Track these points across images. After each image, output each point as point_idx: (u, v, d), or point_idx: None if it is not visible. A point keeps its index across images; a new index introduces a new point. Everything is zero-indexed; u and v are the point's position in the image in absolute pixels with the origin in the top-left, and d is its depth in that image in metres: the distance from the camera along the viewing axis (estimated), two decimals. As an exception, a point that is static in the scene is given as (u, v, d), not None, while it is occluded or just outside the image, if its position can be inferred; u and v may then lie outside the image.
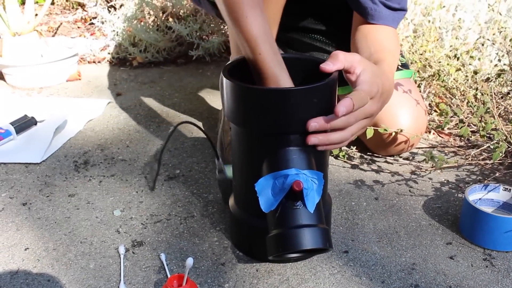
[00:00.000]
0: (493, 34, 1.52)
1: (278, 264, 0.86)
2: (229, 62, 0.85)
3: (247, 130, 0.79)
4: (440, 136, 1.33)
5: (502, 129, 1.11)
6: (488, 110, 1.15)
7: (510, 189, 0.97)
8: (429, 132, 1.34)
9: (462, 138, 1.30)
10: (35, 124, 1.42)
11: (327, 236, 0.73)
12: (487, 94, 1.20)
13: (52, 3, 2.86)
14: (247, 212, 0.86)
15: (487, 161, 1.16)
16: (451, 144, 1.29)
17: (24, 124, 1.38)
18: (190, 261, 0.75)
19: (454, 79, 1.37)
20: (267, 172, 0.76)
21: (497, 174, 1.13)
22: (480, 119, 1.19)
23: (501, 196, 0.98)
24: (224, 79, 0.78)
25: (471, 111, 1.29)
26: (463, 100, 1.33)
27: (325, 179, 0.80)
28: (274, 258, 0.75)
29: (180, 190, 1.10)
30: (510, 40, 1.40)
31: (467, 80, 1.37)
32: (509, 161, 1.16)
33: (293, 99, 0.73)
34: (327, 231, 0.74)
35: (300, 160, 0.77)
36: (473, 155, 1.19)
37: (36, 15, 1.91)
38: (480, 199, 0.99)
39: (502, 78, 1.38)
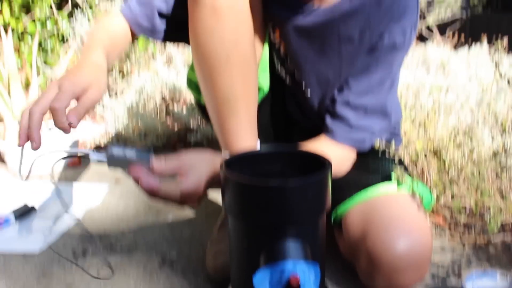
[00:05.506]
0: (484, 117, 1.57)
1: None
2: (229, 156, 0.88)
3: (244, 223, 0.81)
4: (433, 220, 1.34)
5: (493, 195, 1.10)
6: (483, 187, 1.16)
7: (507, 275, 0.97)
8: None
9: (457, 223, 1.31)
10: (35, 212, 1.43)
11: (325, 331, 0.73)
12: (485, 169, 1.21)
13: (55, 89, 2.94)
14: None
15: (482, 239, 1.17)
16: (445, 226, 1.30)
17: (24, 213, 1.39)
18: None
19: (451, 158, 1.39)
20: (264, 264, 0.77)
21: (491, 251, 1.14)
22: (476, 190, 1.18)
23: (499, 283, 0.98)
24: (220, 171, 0.80)
25: (467, 187, 1.30)
26: (459, 175, 1.34)
27: (322, 269, 0.81)
28: None
29: (177, 280, 1.10)
30: (501, 124, 1.44)
31: (464, 157, 1.39)
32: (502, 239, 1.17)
33: (288, 193, 0.75)
34: (325, 325, 0.74)
35: (296, 251, 0.78)
36: (467, 234, 1.20)
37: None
38: (478, 287, 0.99)
39: (497, 158, 1.40)
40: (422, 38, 3.63)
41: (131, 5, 1.12)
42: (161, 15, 1.10)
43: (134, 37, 1.15)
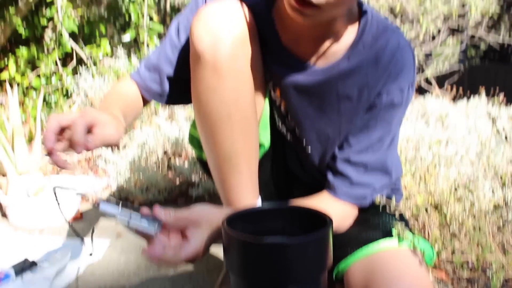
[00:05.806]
0: (484, 170, 1.58)
1: None
2: (230, 213, 0.89)
3: (245, 281, 0.81)
4: (436, 276, 1.33)
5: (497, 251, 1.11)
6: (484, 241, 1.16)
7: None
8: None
9: (460, 278, 1.31)
10: (36, 267, 1.42)
11: None
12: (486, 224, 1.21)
13: (58, 143, 2.97)
14: None
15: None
16: (448, 281, 1.29)
17: (24, 268, 1.39)
18: None
19: (452, 212, 1.39)
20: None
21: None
22: (476, 245, 1.18)
23: None
24: (222, 229, 0.81)
25: (468, 242, 1.30)
26: (460, 230, 1.34)
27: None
28: None
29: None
30: (501, 178, 1.45)
31: (465, 211, 1.40)
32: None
33: (289, 251, 0.75)
34: None
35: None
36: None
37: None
38: None
39: (498, 212, 1.41)
40: (421, 91, 3.68)
41: (140, 70, 1.15)
42: (169, 79, 1.13)
43: (145, 101, 1.18)
